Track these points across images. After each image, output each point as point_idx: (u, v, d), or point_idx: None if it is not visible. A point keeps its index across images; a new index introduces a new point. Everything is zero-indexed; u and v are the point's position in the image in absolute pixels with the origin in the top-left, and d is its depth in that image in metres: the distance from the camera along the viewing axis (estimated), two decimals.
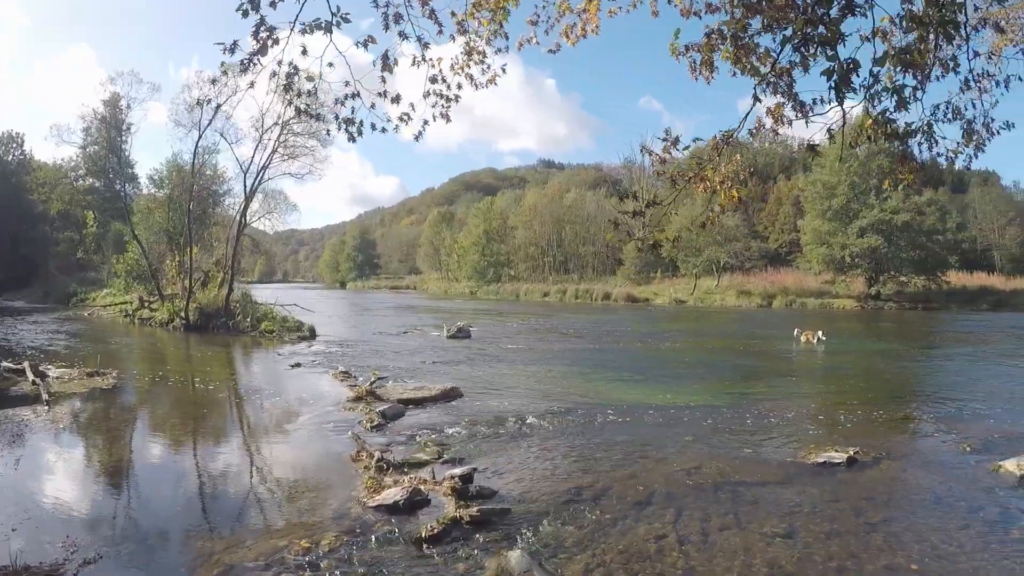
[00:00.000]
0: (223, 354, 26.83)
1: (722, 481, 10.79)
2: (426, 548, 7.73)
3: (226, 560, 7.36)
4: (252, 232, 53.02)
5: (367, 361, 23.71)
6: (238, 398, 17.80)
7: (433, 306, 66.94)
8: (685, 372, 23.89)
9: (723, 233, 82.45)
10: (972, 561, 8.01)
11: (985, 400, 18.38)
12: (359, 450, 11.42)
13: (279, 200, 50.73)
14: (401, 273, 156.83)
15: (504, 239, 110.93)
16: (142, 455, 12.34)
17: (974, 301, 68.46)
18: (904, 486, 11.12)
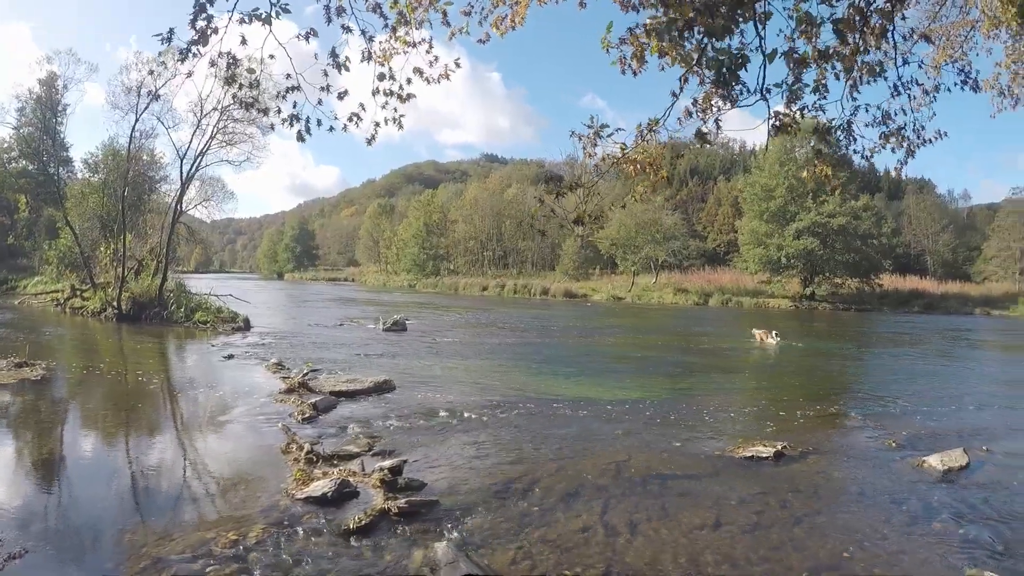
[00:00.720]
0: (156, 345, 26.40)
1: (651, 474, 10.91)
2: (353, 540, 7.72)
3: (153, 553, 7.27)
4: (188, 220, 52.37)
5: (302, 353, 23.57)
6: (170, 390, 17.52)
7: (371, 298, 66.61)
8: (620, 367, 24.19)
9: (662, 231, 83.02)
10: (894, 552, 8.23)
11: (912, 398, 18.83)
12: (289, 442, 11.34)
13: (216, 188, 49.97)
14: (340, 265, 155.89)
15: (444, 232, 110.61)
16: (72, 449, 12.11)
17: (906, 303, 70.05)
18: (830, 480, 11.32)
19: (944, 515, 9.61)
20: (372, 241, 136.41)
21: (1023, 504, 10.22)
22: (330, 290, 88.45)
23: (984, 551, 8.37)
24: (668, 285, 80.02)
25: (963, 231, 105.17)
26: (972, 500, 10.33)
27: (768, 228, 72.52)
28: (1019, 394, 20.83)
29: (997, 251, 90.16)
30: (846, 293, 72.28)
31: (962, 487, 11.01)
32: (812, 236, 69.08)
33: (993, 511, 9.86)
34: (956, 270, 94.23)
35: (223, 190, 51.11)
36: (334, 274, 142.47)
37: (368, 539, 7.78)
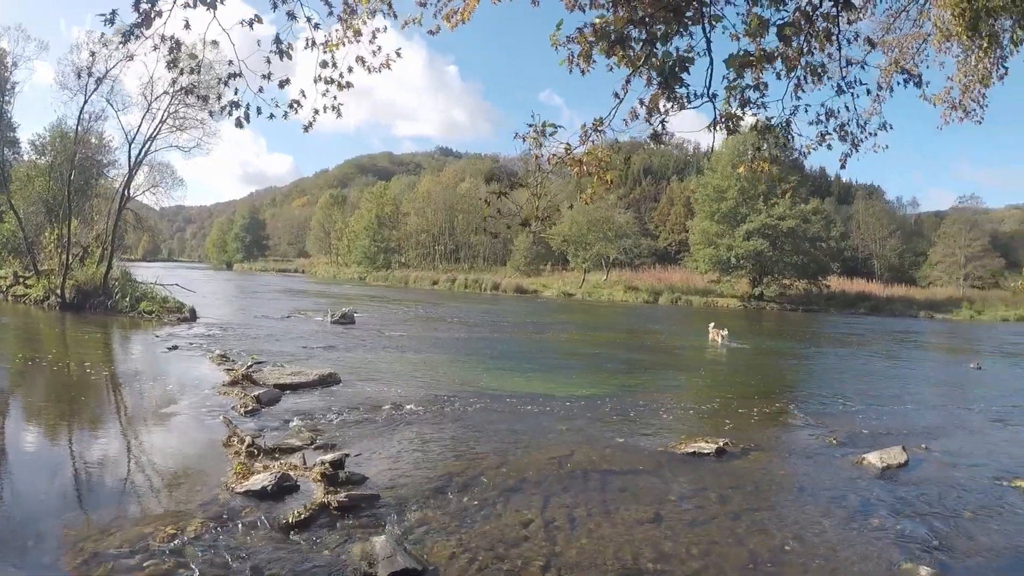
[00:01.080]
0: (100, 335, 25.91)
1: (593, 469, 10.98)
2: (292, 534, 7.67)
3: (91, 548, 7.16)
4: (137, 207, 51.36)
5: (247, 345, 23.35)
6: (113, 382, 17.18)
7: (320, 290, 66.28)
8: (568, 363, 24.30)
9: (613, 229, 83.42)
10: (833, 547, 8.36)
11: (855, 397, 19.25)
12: (230, 435, 11.24)
13: (166, 173, 48.99)
14: (290, 256, 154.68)
15: (396, 225, 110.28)
16: (11, 442, 11.83)
17: (853, 305, 71.41)
18: (770, 476, 11.48)
19: (882, 511, 9.81)
20: (323, 232, 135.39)
21: (958, 500, 10.50)
22: (279, 281, 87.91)
23: (919, 546, 8.54)
24: (619, 282, 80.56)
25: (910, 237, 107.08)
26: (909, 496, 10.56)
27: (719, 229, 73.23)
28: (958, 395, 21.39)
29: (942, 257, 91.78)
30: (794, 294, 73.29)
31: (900, 484, 11.25)
32: (762, 238, 69.92)
33: (929, 507, 10.10)
34: (902, 274, 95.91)
35: (172, 176, 50.03)
36: (284, 265, 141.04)
37: (307, 533, 7.73)
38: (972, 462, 12.90)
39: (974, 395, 21.17)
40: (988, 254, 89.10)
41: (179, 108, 38.32)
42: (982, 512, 10.04)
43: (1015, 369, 29.21)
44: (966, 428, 16.12)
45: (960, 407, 18.95)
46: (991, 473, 12.12)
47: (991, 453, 13.76)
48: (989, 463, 12.87)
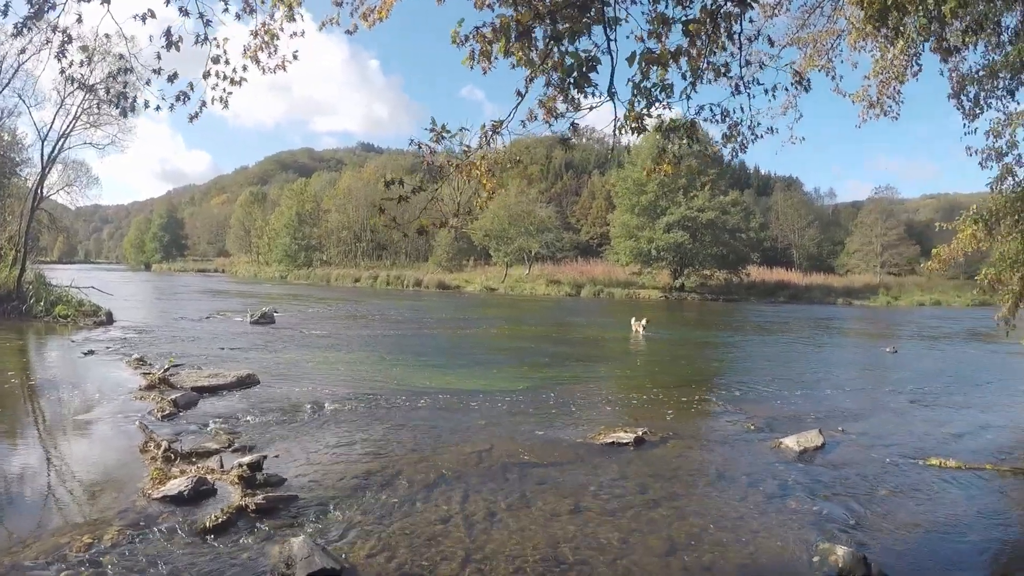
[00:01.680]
0: (13, 341, 25.07)
1: (512, 462, 11.07)
2: (210, 538, 7.59)
3: (7, 560, 7.03)
4: (51, 207, 50.17)
5: (165, 347, 22.94)
6: (25, 389, 16.69)
7: (241, 290, 65.53)
8: (488, 358, 24.40)
9: (535, 224, 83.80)
10: (752, 531, 8.54)
11: (773, 383, 19.74)
12: (147, 441, 11.06)
13: (80, 172, 47.88)
14: (210, 255, 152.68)
15: (317, 222, 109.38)
16: None
17: (772, 294, 73.10)
18: (689, 463, 11.65)
19: (799, 493, 10.05)
20: (243, 230, 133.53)
21: (873, 481, 10.81)
22: (199, 282, 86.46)
23: (836, 526, 8.77)
24: (541, 276, 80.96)
25: (828, 227, 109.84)
26: (826, 478, 10.87)
27: (639, 221, 74.24)
28: (874, 378, 22.12)
29: (860, 245, 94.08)
30: (715, 284, 74.94)
31: (817, 466, 11.57)
32: (682, 230, 71.06)
33: (845, 488, 10.40)
34: (821, 263, 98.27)
35: (87, 175, 48.96)
36: (203, 265, 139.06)
37: (225, 537, 7.67)
38: (887, 443, 13.26)
39: (889, 378, 21.79)
40: (904, 242, 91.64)
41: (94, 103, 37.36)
42: (898, 490, 10.38)
43: (929, 352, 29.90)
44: (881, 410, 16.58)
45: (876, 390, 19.58)
46: (906, 453, 12.48)
47: (906, 433, 14.18)
48: (904, 443, 13.27)
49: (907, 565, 7.82)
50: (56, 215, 56.38)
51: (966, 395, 18.99)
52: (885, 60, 11.37)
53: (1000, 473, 11.43)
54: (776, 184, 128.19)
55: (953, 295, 67.80)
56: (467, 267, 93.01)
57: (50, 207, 48.40)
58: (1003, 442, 13.71)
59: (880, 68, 11.53)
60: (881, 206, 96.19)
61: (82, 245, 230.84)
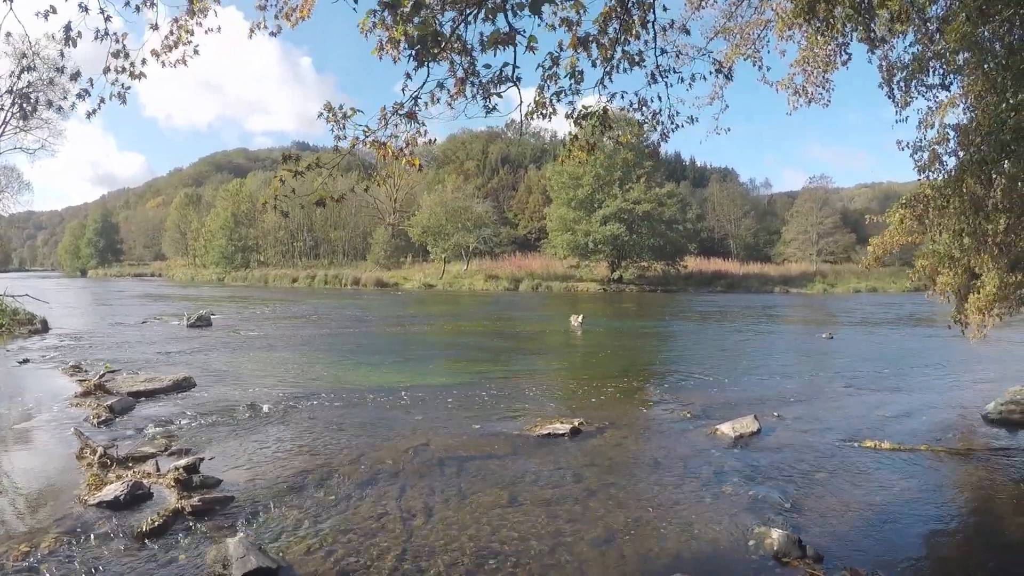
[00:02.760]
0: None
1: (449, 456, 11.19)
2: (147, 542, 7.63)
3: None
4: None
5: (102, 354, 22.63)
6: None
7: (178, 294, 64.91)
8: (425, 354, 24.49)
9: (472, 219, 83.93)
10: (688, 516, 8.71)
11: (709, 371, 20.13)
12: (82, 447, 10.98)
13: (11, 178, 47.32)
14: (146, 259, 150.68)
15: (253, 223, 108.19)
16: None
17: (710, 283, 74.51)
18: (625, 452, 11.87)
19: (735, 479, 10.23)
20: (179, 233, 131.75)
21: (809, 464, 11.04)
22: (136, 286, 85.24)
23: (772, 509, 8.95)
24: (479, 272, 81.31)
25: (764, 216, 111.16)
26: (761, 463, 11.07)
27: (576, 215, 74.60)
28: (809, 363, 22.55)
29: (796, 234, 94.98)
30: (652, 275, 75.52)
31: (753, 451, 11.79)
32: (618, 222, 71.45)
33: (781, 472, 10.61)
34: (758, 252, 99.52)
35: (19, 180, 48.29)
36: (140, 269, 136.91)
37: (162, 540, 7.71)
38: (822, 427, 13.56)
39: (825, 363, 22.41)
40: (839, 230, 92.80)
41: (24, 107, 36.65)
42: (834, 473, 10.63)
43: (865, 337, 30.57)
44: (817, 395, 16.90)
45: (812, 375, 19.93)
46: (840, 436, 12.76)
47: (841, 417, 14.48)
48: (838, 427, 13.56)
49: (843, 546, 7.97)
50: None
51: (902, 378, 19.36)
52: (811, 50, 11.48)
53: (935, 454, 11.68)
54: (712, 175, 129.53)
55: (889, 281, 68.74)
56: (405, 264, 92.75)
57: None
58: (938, 423, 14.04)
59: (806, 57, 11.65)
60: (816, 195, 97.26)
61: (16, 253, 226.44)
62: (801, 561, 7.38)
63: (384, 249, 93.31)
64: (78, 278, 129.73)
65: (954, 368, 21.20)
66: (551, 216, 79.75)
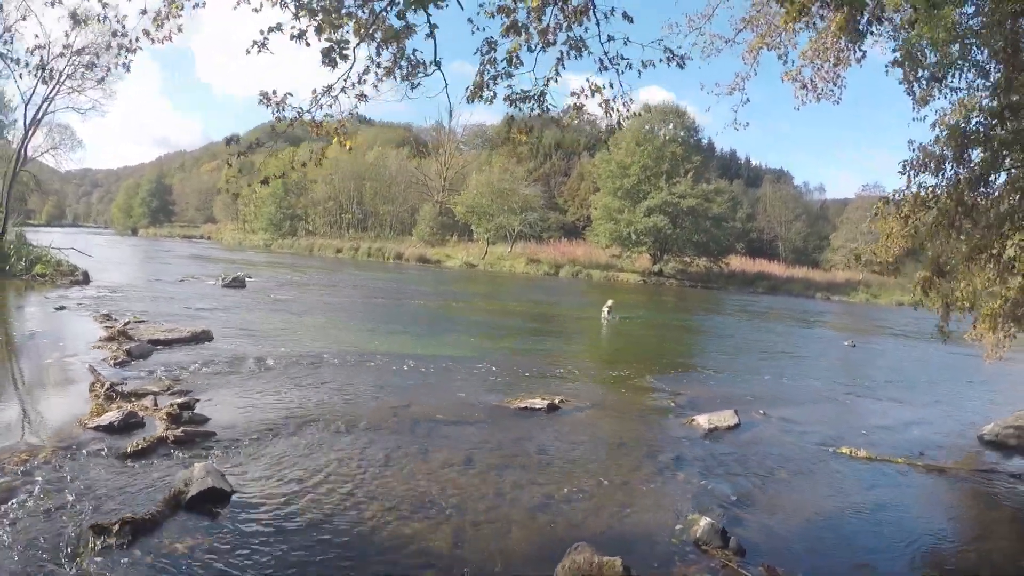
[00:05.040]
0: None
1: (424, 419, 11.85)
2: (129, 461, 8.59)
3: None
4: (39, 171, 50.42)
5: (134, 306, 23.59)
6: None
7: (223, 256, 65.77)
8: (444, 327, 25.19)
9: (518, 202, 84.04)
10: (632, 497, 9.13)
11: (718, 368, 20.56)
12: (94, 381, 11.97)
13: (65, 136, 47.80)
14: (198, 222, 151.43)
15: (303, 192, 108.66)
16: None
17: (751, 284, 73.33)
18: (596, 431, 12.34)
19: (694, 468, 10.53)
20: (231, 198, 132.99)
21: (773, 462, 11.26)
22: (182, 247, 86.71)
23: (716, 501, 9.18)
24: (522, 255, 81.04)
25: (816, 221, 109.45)
26: (727, 456, 11.31)
27: (620, 204, 74.15)
28: (818, 369, 22.49)
29: (844, 241, 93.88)
30: (694, 271, 74.81)
31: (722, 444, 12.03)
32: (662, 215, 70.90)
33: (742, 467, 10.86)
34: (806, 257, 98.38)
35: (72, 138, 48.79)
36: (189, 231, 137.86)
37: (143, 460, 8.67)
38: (805, 428, 13.67)
39: (836, 370, 22.63)
40: None
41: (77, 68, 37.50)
42: (797, 474, 10.83)
43: (888, 348, 30.44)
44: (815, 399, 17.00)
45: (818, 380, 19.89)
46: (819, 439, 12.88)
47: (829, 422, 14.63)
48: (821, 430, 13.65)
49: (775, 544, 8.15)
50: (43, 179, 56.17)
51: (909, 391, 19.30)
52: (819, 41, 11.52)
53: (912, 467, 11.69)
54: (765, 176, 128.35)
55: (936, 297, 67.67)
56: (450, 242, 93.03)
57: (37, 170, 48.44)
58: (930, 439, 13.93)
59: (815, 48, 11.65)
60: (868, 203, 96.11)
61: (71, 209, 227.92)
62: (720, 551, 7.59)
63: (430, 226, 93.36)
64: (129, 236, 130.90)
65: (969, 386, 20.93)
66: (596, 204, 79.53)
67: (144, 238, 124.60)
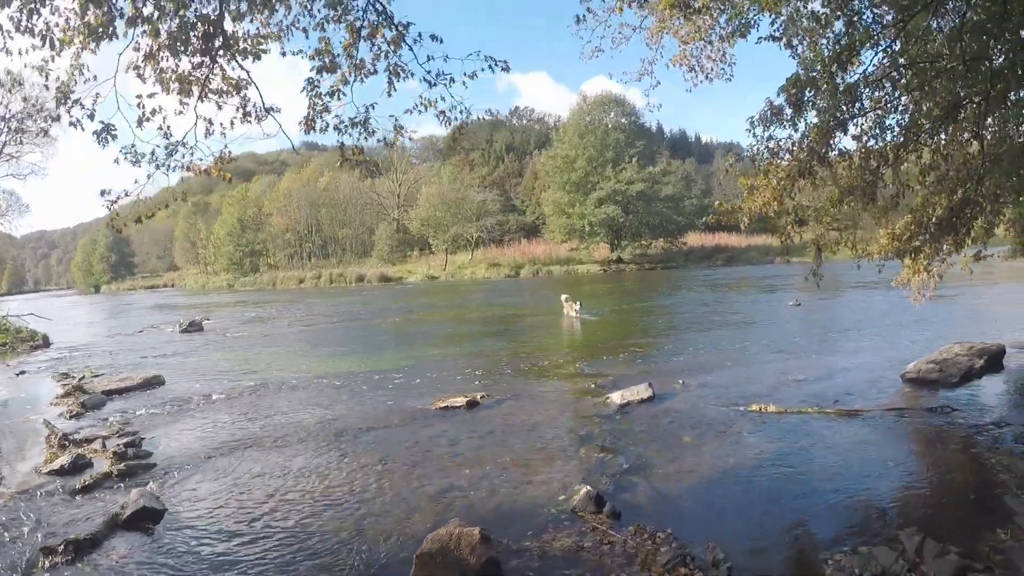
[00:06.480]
0: None
1: (351, 428, 12.92)
2: (78, 497, 9.80)
3: None
4: None
5: (93, 362, 24.51)
6: None
7: (186, 303, 66.41)
8: (388, 342, 26.55)
9: (472, 209, 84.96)
10: (529, 474, 9.80)
11: (650, 345, 21.64)
12: (49, 434, 13.11)
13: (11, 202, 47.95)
14: (160, 271, 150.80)
15: (260, 227, 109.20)
16: None
17: (710, 258, 75.07)
18: (512, 421, 12.96)
19: (597, 443, 11.11)
20: (189, 243, 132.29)
21: (681, 428, 11.78)
22: (146, 298, 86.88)
23: (609, 471, 9.74)
24: (483, 260, 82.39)
25: None
26: (633, 428, 11.90)
27: (571, 198, 75.84)
28: (755, 332, 23.38)
29: None
30: (653, 253, 76.38)
31: (632, 417, 12.66)
32: (613, 203, 72.58)
33: (647, 437, 11.40)
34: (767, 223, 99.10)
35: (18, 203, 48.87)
36: (152, 281, 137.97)
37: (90, 494, 9.88)
38: (722, 392, 14.13)
39: (772, 331, 23.30)
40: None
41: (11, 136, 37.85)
42: (703, 437, 11.21)
43: (832, 303, 31.66)
44: (740, 362, 17.66)
45: (749, 343, 20.66)
46: (733, 400, 13.29)
47: (748, 383, 15.02)
48: (739, 392, 14.08)
49: (657, 507, 8.54)
50: None
51: (842, 341, 20.28)
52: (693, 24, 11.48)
53: (823, 415, 12.05)
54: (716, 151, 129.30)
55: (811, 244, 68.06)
56: (412, 258, 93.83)
57: None
58: (849, 385, 14.32)
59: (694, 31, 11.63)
60: None
61: (31, 274, 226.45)
62: (594, 516, 8.03)
63: (388, 244, 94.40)
64: (92, 294, 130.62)
65: (903, 329, 21.39)
66: (546, 201, 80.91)
67: (107, 294, 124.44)
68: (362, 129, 8.32)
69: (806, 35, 11.15)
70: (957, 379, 13.98)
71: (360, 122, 8.26)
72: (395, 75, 7.94)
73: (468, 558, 6.75)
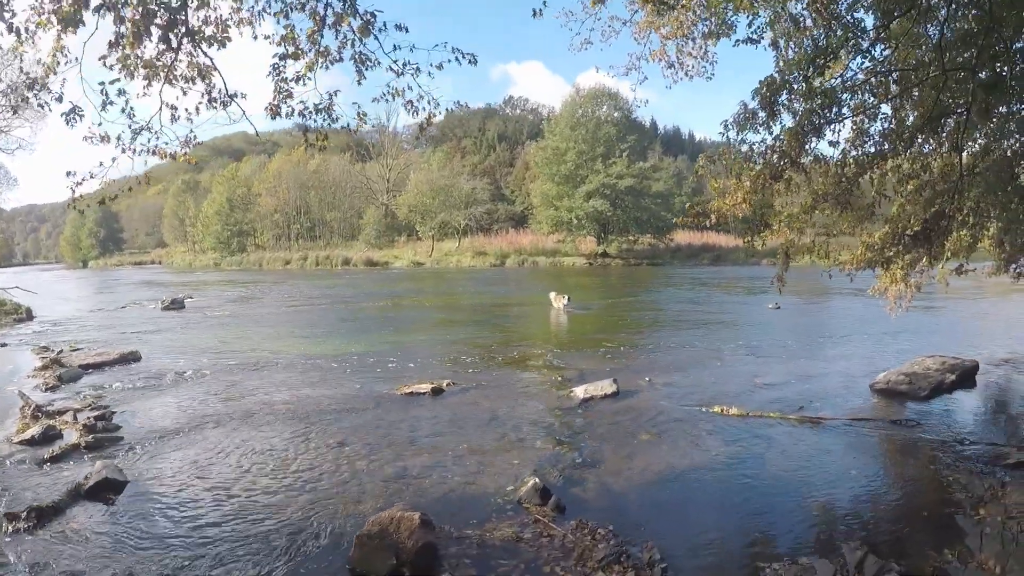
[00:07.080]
0: None
1: (315, 410, 13.22)
2: (46, 466, 10.21)
3: None
4: None
5: (74, 336, 24.73)
6: None
7: (171, 280, 66.34)
8: (367, 326, 26.62)
9: (461, 197, 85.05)
10: (483, 465, 9.99)
11: (626, 341, 21.48)
12: (24, 405, 13.41)
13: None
14: (148, 247, 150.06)
15: (249, 207, 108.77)
16: None
17: (697, 256, 75.07)
18: (473, 410, 13.17)
19: (554, 436, 11.34)
20: (177, 220, 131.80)
21: (639, 426, 11.84)
22: (133, 274, 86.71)
23: (561, 464, 9.93)
24: (470, 249, 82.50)
25: None
26: (593, 423, 12.02)
27: (559, 190, 75.67)
28: (732, 333, 23.18)
29: None
30: (640, 249, 76.50)
31: (594, 412, 12.78)
32: (601, 198, 72.52)
33: (605, 432, 11.50)
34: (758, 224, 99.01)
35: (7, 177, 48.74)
36: (140, 257, 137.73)
37: (58, 464, 10.29)
38: (687, 392, 14.23)
39: (748, 332, 23.13)
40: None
41: None
42: (658, 436, 11.28)
43: (811, 307, 31.88)
44: (711, 363, 17.58)
45: (723, 343, 20.52)
46: (696, 401, 13.33)
47: (715, 383, 15.08)
48: (704, 392, 14.18)
49: (604, 501, 8.69)
50: None
51: (816, 347, 20.19)
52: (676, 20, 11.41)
53: (785, 421, 12.07)
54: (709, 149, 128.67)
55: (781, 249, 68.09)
56: (399, 243, 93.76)
57: None
58: (816, 392, 14.25)
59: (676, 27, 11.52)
60: None
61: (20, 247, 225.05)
62: (538, 508, 8.21)
63: (375, 228, 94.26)
64: (79, 269, 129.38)
65: (880, 339, 21.09)
66: (535, 192, 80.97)
67: (94, 269, 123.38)
68: (326, 115, 8.44)
69: (785, 38, 11.11)
70: (926, 392, 13.88)
71: (323, 108, 8.38)
72: (361, 63, 8.04)
73: (406, 542, 6.97)
